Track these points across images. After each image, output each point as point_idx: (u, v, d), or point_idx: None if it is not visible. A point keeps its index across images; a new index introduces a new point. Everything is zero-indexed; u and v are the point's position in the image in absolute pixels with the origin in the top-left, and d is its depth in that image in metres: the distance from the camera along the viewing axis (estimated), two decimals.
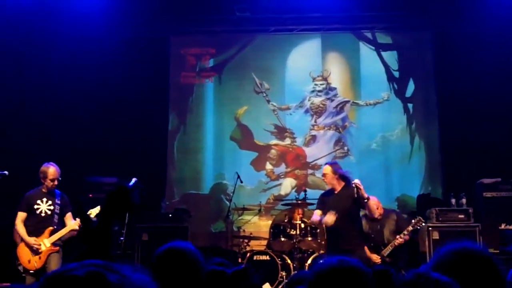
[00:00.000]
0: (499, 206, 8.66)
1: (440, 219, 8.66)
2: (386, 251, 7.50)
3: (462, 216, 8.71)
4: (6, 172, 6.88)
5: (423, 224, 7.76)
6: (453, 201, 9.03)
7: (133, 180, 7.23)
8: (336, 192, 7.12)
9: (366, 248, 7.48)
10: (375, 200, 7.50)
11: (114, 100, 9.90)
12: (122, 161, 9.36)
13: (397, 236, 7.55)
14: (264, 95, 10.43)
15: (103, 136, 9.76)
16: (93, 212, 6.53)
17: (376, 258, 7.48)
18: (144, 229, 8.59)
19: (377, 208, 7.59)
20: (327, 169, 7.23)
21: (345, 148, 10.29)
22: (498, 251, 8.01)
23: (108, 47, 9.81)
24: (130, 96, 9.96)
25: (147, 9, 9.88)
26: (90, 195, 8.52)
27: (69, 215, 7.16)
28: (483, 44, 9.61)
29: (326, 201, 7.18)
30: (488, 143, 9.53)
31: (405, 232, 7.53)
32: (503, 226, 8.51)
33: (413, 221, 7.58)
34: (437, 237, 8.48)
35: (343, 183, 7.09)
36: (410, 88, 10.43)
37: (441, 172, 10.10)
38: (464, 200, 9.01)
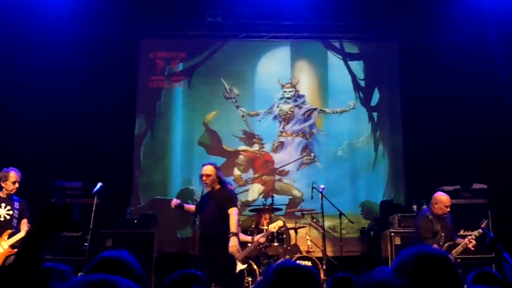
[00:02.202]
0: (458, 213, 8.89)
1: (402, 225, 8.89)
2: (457, 251, 7.39)
3: None
4: None
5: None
6: (415, 207, 9.28)
7: (99, 185, 7.29)
8: (211, 193, 7.16)
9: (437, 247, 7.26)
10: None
11: (80, 103, 9.72)
12: (88, 166, 9.25)
13: (468, 238, 7.42)
14: (234, 100, 10.51)
15: (68, 140, 9.59)
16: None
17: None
18: (109, 235, 8.54)
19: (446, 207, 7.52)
20: (211, 170, 7.16)
21: (312, 154, 10.45)
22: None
23: (76, 47, 9.65)
24: (96, 99, 9.85)
25: (117, 11, 9.74)
26: (53, 200, 8.48)
27: (24, 221, 7.12)
28: (447, 55, 9.84)
29: (201, 203, 7.25)
30: (449, 151, 9.80)
31: (473, 236, 7.41)
32: (462, 232, 8.75)
33: (482, 226, 7.48)
34: (399, 243, 8.70)
35: (219, 186, 7.13)
36: (376, 97, 10.66)
37: (403, 179, 10.32)
38: (425, 207, 9.24)
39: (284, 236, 8.38)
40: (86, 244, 7.03)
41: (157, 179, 10.20)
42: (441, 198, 7.56)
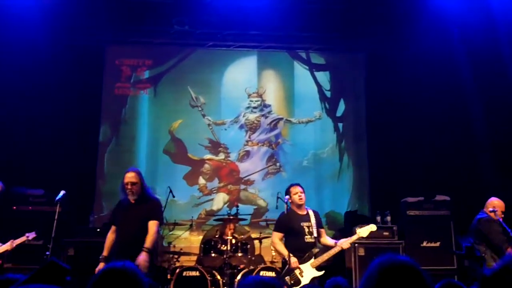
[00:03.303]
0: (422, 224, 9.00)
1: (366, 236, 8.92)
2: None
3: (387, 233, 9.01)
4: None
5: None
6: (379, 218, 9.32)
7: (61, 192, 7.16)
8: (133, 202, 6.54)
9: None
10: None
11: (44, 109, 9.57)
12: (50, 172, 9.07)
13: None
14: (200, 109, 10.48)
15: (31, 146, 9.42)
16: None
17: None
18: (71, 243, 8.39)
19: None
20: (137, 177, 6.56)
21: (278, 164, 10.46)
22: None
23: (41, 53, 9.48)
24: (60, 105, 9.67)
25: (84, 17, 9.69)
26: (14, 208, 8.31)
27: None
28: (412, 67, 9.93)
29: (120, 210, 6.56)
30: (413, 163, 9.90)
31: None
32: (424, 244, 8.85)
33: None
34: (363, 254, 8.72)
35: (143, 195, 6.56)
36: (341, 107, 10.74)
37: (368, 190, 10.40)
38: (389, 218, 9.34)
39: (248, 246, 8.33)
40: (48, 252, 6.87)
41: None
42: (498, 203, 7.47)
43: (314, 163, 10.51)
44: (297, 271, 6.72)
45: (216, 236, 8.37)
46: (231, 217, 8.62)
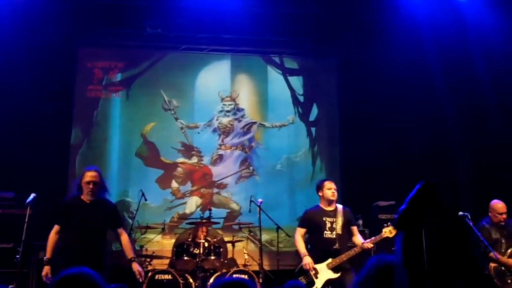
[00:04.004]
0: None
1: None
2: None
3: None
4: None
5: None
6: None
7: (32, 195, 7.05)
8: (88, 202, 6.34)
9: (497, 254, 7.19)
10: None
11: (15, 110, 9.45)
12: (21, 175, 8.95)
13: None
14: (172, 112, 10.43)
15: (0, 148, 9.27)
16: None
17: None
18: (42, 246, 8.22)
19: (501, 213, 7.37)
20: (99, 176, 6.40)
21: (251, 168, 10.47)
22: None
23: (12, 54, 9.38)
24: (31, 107, 9.56)
25: (56, 19, 9.58)
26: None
27: None
28: (384, 72, 10.05)
29: (73, 210, 6.30)
30: (386, 167, 10.00)
31: None
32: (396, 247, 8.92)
33: None
34: None
35: (99, 195, 6.42)
36: (314, 112, 10.80)
37: (340, 194, 10.38)
38: (360, 222, 9.41)
39: (221, 249, 8.31)
40: (18, 256, 6.76)
41: None
42: (495, 206, 7.50)
43: (287, 167, 10.54)
44: (312, 272, 6.61)
45: (189, 239, 8.33)
46: (204, 221, 8.60)
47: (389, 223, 7.14)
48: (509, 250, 7.35)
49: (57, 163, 9.76)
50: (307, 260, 6.62)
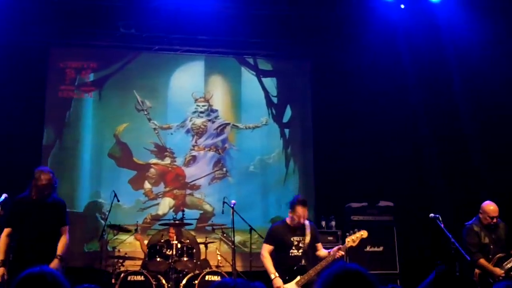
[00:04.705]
0: (365, 229, 9.11)
1: None
2: (509, 263, 7.06)
3: (331, 238, 9.18)
4: None
5: None
6: (323, 223, 9.48)
7: (3, 196, 6.95)
8: (39, 202, 6.19)
9: (483, 262, 7.04)
10: None
11: None
12: None
13: None
14: (146, 113, 10.38)
15: None
16: None
17: (499, 272, 7.00)
18: (10, 248, 8.16)
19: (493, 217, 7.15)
20: (52, 179, 6.23)
21: (224, 169, 10.47)
22: None
23: None
24: (2, 107, 9.46)
25: (28, 18, 9.48)
26: None
27: None
28: (358, 74, 10.12)
29: (24, 210, 6.17)
30: (358, 169, 10.08)
31: None
32: (368, 248, 9.02)
33: None
34: None
35: (49, 194, 6.27)
36: (288, 114, 10.84)
37: (313, 195, 10.49)
38: (333, 223, 9.51)
39: (194, 250, 8.30)
40: None
41: (64, 191, 9.74)
42: (486, 208, 7.22)
43: (260, 169, 10.55)
44: None
45: (162, 240, 8.30)
46: (177, 222, 8.58)
47: (351, 231, 7.03)
48: (496, 257, 7.15)
49: (29, 163, 9.53)
50: (278, 283, 6.40)
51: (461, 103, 9.86)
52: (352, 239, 6.72)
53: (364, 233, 6.78)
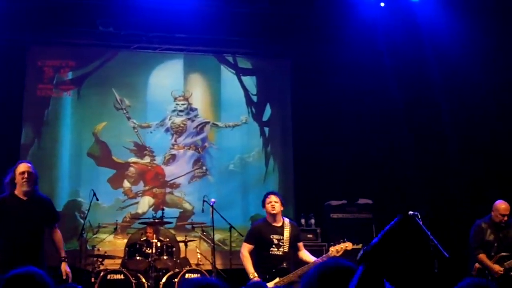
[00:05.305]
0: (345, 226, 9.26)
1: None
2: (511, 263, 7.22)
3: (311, 235, 9.25)
4: None
5: None
6: (303, 221, 9.54)
7: None
8: (25, 199, 6.14)
9: (483, 257, 7.21)
10: None
11: None
12: None
13: None
14: (125, 112, 10.34)
15: None
16: None
17: (498, 269, 7.17)
18: None
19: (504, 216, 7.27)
20: (33, 169, 6.21)
21: (204, 168, 10.47)
22: None
23: None
24: None
25: (5, 16, 9.37)
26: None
27: None
28: (338, 73, 10.17)
29: (9, 209, 6.04)
30: (337, 167, 10.15)
31: None
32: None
33: None
34: None
35: (34, 189, 6.21)
36: (267, 112, 10.86)
37: (293, 193, 10.53)
38: (313, 221, 9.57)
39: (174, 249, 8.30)
40: None
41: (43, 190, 9.48)
42: (498, 206, 7.36)
43: (240, 167, 10.57)
44: None
45: (141, 239, 8.29)
46: (157, 221, 8.57)
47: (341, 240, 7.04)
48: (498, 255, 7.31)
49: (7, 162, 9.46)
50: None
51: (440, 101, 9.98)
52: (336, 249, 6.71)
53: (348, 245, 6.78)
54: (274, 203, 6.72)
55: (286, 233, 6.75)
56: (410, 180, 10.15)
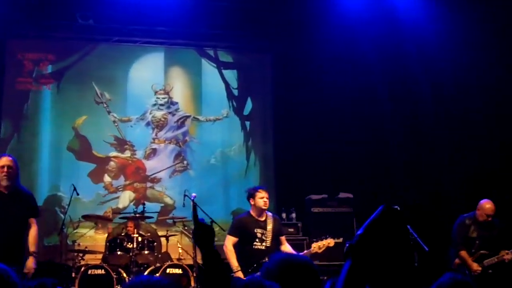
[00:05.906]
0: (325, 220, 9.30)
1: None
2: (490, 262, 7.27)
3: (292, 229, 9.28)
4: None
5: None
6: (284, 215, 9.56)
7: None
8: (6, 192, 6.12)
9: (464, 254, 7.24)
10: None
11: None
12: None
13: (506, 251, 7.26)
14: (105, 105, 10.26)
15: None
16: None
17: (476, 267, 7.23)
18: None
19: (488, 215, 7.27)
20: (13, 162, 6.19)
21: (185, 162, 10.44)
22: None
23: None
24: None
25: None
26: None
27: None
28: (319, 68, 10.21)
29: None
30: (318, 161, 10.19)
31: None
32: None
33: None
34: None
35: (15, 184, 6.22)
36: (248, 106, 10.86)
37: (274, 187, 10.55)
38: (294, 215, 9.61)
39: (155, 243, 8.29)
40: None
41: (23, 185, 9.64)
42: (484, 205, 7.36)
43: (221, 161, 10.56)
44: None
45: (122, 234, 8.27)
46: (138, 215, 8.55)
47: (323, 236, 7.10)
48: (478, 253, 7.37)
49: None
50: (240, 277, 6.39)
51: (423, 95, 10.05)
52: (319, 246, 6.87)
53: (330, 242, 6.95)
54: (267, 199, 6.84)
55: (269, 227, 6.83)
56: (391, 174, 10.23)
